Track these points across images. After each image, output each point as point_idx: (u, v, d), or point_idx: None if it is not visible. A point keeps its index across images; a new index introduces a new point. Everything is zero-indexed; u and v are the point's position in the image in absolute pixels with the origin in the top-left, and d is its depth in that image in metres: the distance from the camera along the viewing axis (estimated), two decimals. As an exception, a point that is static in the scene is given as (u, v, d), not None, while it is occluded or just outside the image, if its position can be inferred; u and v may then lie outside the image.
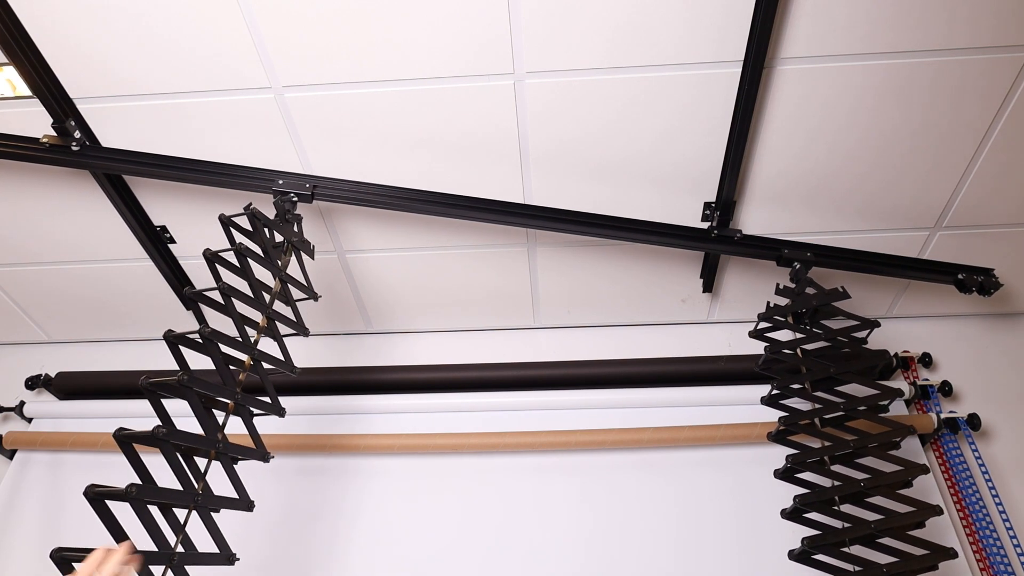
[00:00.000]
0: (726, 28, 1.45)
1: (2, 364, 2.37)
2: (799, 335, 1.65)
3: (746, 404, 1.95)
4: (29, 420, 2.18)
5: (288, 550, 1.83)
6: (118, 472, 2.00)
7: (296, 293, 1.67)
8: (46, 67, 1.58)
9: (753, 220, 1.85)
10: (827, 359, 1.61)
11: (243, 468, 1.96)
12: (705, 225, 1.84)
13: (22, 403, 2.18)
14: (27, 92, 1.61)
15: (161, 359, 2.29)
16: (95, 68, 1.59)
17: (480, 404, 2.04)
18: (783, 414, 1.57)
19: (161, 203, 1.89)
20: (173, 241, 1.98)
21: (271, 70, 1.57)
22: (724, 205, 1.76)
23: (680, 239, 1.81)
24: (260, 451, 1.45)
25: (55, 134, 1.68)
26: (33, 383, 2.21)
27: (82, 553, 1.06)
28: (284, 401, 2.08)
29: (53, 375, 2.22)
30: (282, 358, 1.55)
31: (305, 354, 2.25)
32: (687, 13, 1.43)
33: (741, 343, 2.14)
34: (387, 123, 1.66)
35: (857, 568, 1.37)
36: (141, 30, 1.51)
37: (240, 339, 1.41)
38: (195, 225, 1.94)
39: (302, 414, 2.08)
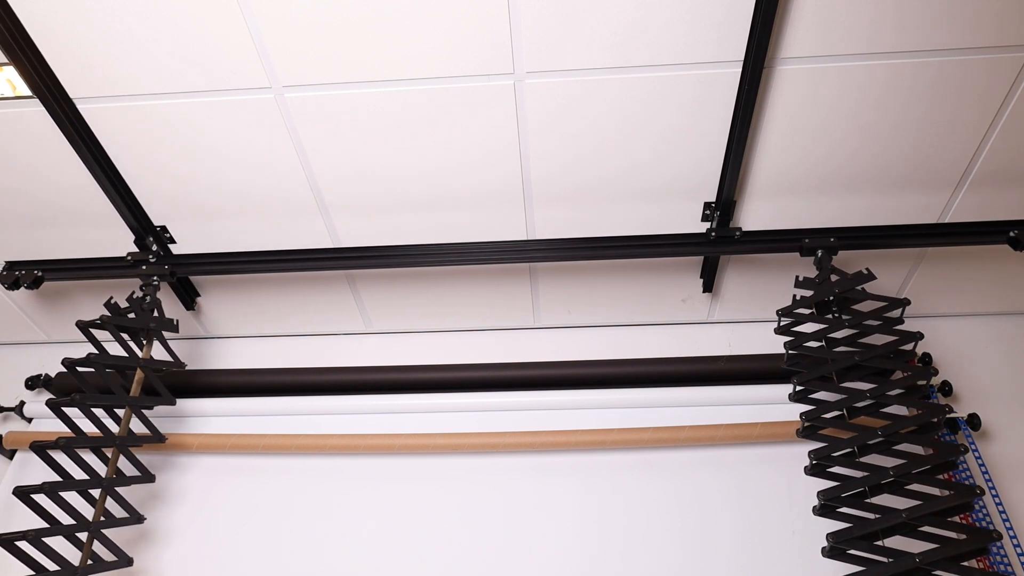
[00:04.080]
0: (726, 28, 1.46)
1: (2, 364, 2.37)
2: (823, 325, 1.62)
3: (746, 404, 1.95)
4: (29, 420, 2.18)
5: (287, 551, 1.83)
6: (118, 472, 2.02)
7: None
8: (46, 67, 1.58)
9: (755, 219, 1.85)
10: (859, 347, 1.57)
11: (239, 470, 1.98)
12: (704, 227, 1.84)
13: (22, 403, 2.17)
14: (27, 92, 1.61)
15: (161, 359, 2.29)
16: (95, 68, 1.59)
17: (480, 404, 2.04)
18: (808, 408, 1.54)
19: (161, 205, 1.89)
20: (173, 241, 1.98)
21: (271, 70, 1.57)
22: (724, 205, 1.76)
23: (680, 247, 1.83)
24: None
25: (137, 250, 1.95)
26: (33, 383, 2.21)
27: None
28: (283, 401, 2.10)
29: (53, 375, 2.22)
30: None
31: (303, 353, 2.25)
32: (687, 14, 1.44)
33: (741, 343, 2.14)
34: (388, 124, 1.67)
35: (890, 559, 1.31)
36: (141, 30, 1.51)
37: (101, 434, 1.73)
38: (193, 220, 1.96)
39: (301, 414, 2.08)
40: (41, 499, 1.58)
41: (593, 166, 1.73)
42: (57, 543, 1.55)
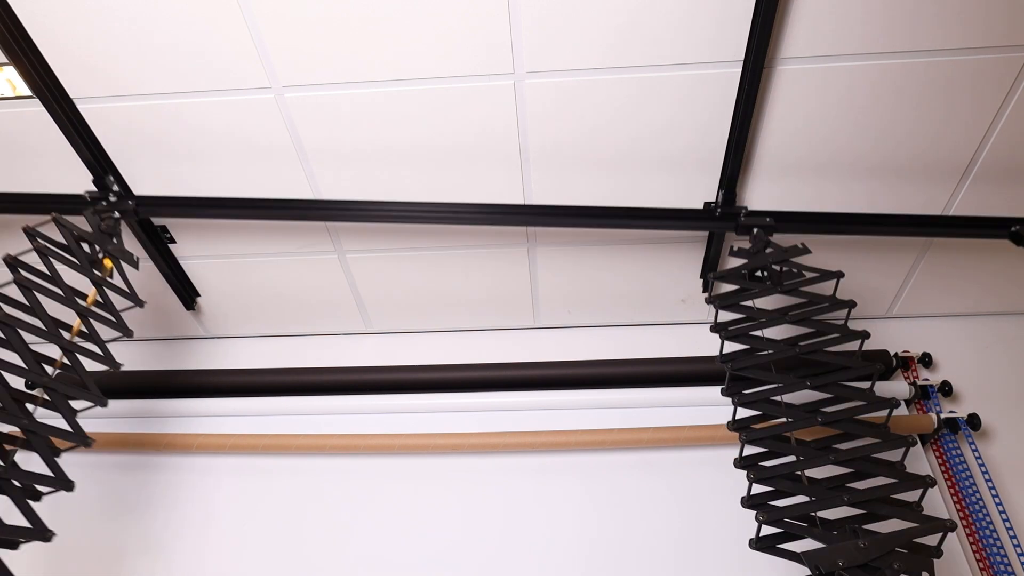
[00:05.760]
0: (727, 28, 1.46)
1: (2, 364, 2.37)
2: (754, 290, 1.58)
3: (746, 404, 1.95)
4: (29, 420, 2.18)
5: (288, 550, 1.83)
6: (117, 472, 2.01)
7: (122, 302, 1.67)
8: (46, 67, 1.59)
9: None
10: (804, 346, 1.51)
11: (239, 470, 1.98)
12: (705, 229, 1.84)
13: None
14: (27, 92, 1.61)
15: (160, 360, 2.29)
16: (95, 68, 1.59)
17: (480, 404, 2.04)
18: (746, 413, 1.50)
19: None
20: (173, 241, 1.98)
21: (271, 70, 1.57)
22: (725, 201, 1.76)
23: (683, 220, 1.80)
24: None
25: (96, 189, 1.81)
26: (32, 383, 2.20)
27: None
28: (283, 401, 2.10)
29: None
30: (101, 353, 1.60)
31: (303, 353, 2.25)
32: (688, 14, 1.44)
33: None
34: (387, 123, 1.67)
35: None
36: (141, 30, 1.51)
37: (49, 332, 1.52)
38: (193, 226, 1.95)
39: (301, 414, 2.08)
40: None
41: (590, 172, 1.74)
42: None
